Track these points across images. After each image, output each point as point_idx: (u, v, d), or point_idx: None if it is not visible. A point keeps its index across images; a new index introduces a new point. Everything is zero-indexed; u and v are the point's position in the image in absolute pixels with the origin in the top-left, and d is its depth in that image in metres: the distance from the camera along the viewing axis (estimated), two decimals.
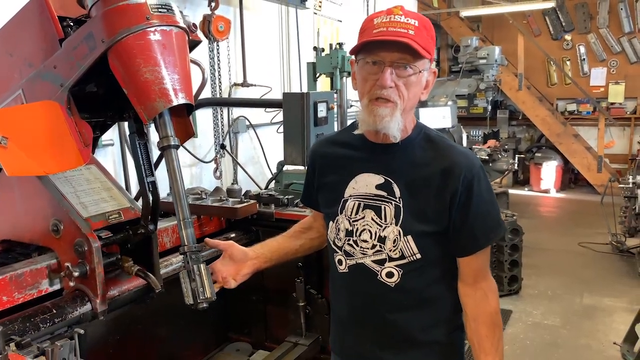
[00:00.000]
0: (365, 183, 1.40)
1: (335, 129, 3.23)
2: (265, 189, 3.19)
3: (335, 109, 2.73)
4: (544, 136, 9.27)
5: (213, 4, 3.91)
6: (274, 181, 3.69)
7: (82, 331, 1.16)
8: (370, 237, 1.37)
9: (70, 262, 1.41)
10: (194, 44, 1.47)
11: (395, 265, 1.36)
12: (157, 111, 1.27)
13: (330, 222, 1.46)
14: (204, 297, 1.28)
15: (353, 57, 1.36)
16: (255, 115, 4.54)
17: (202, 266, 1.30)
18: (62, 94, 1.32)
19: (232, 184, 2.83)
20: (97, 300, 1.42)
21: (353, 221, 1.40)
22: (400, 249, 1.34)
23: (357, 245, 1.39)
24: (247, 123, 4.50)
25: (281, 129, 4.17)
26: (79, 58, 1.28)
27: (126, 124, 1.50)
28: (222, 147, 4.13)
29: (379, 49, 1.27)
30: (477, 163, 1.37)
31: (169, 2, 1.32)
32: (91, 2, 1.27)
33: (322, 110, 2.34)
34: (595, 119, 9.04)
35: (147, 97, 1.26)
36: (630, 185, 5.32)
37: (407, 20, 1.26)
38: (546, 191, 8.77)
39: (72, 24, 1.37)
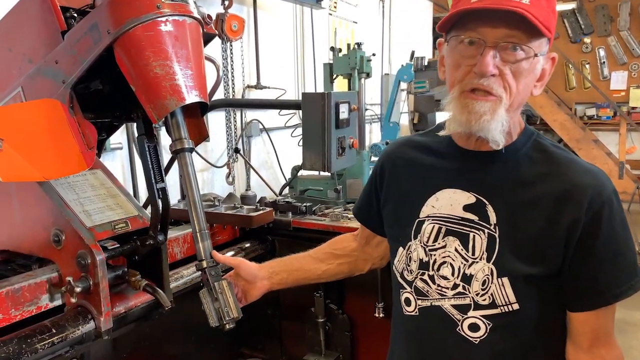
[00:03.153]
0: (450, 202, 1.10)
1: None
2: (279, 195, 3.07)
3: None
4: (563, 141, 9.08)
5: (226, 2, 3.78)
6: (288, 187, 3.56)
7: None
8: (452, 274, 1.06)
9: (72, 275, 1.30)
10: (208, 38, 1.35)
11: (482, 316, 1.04)
12: (167, 110, 1.15)
13: (400, 249, 1.16)
14: (230, 317, 1.15)
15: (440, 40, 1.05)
16: (269, 118, 4.43)
17: (225, 282, 1.18)
18: (64, 92, 1.21)
19: (246, 190, 2.71)
20: (101, 318, 1.30)
21: (430, 250, 1.10)
22: (491, 294, 1.03)
23: (434, 283, 1.09)
24: (261, 126, 4.38)
25: (295, 133, 4.05)
26: (82, 52, 1.17)
27: (135, 125, 1.38)
28: (236, 151, 4.01)
29: (478, 23, 0.95)
30: (610, 186, 1.03)
31: None
32: None
33: (344, 112, 2.19)
34: (615, 124, 8.83)
35: (157, 95, 1.14)
36: None
37: None
38: None
39: (75, 14, 1.25)
